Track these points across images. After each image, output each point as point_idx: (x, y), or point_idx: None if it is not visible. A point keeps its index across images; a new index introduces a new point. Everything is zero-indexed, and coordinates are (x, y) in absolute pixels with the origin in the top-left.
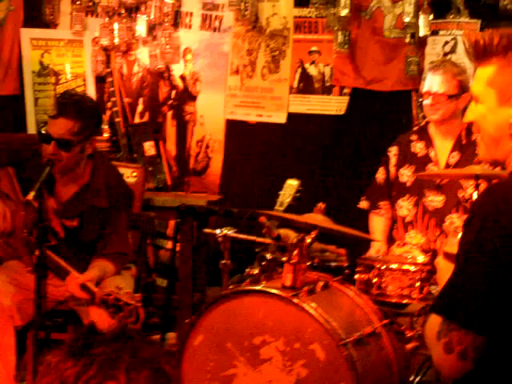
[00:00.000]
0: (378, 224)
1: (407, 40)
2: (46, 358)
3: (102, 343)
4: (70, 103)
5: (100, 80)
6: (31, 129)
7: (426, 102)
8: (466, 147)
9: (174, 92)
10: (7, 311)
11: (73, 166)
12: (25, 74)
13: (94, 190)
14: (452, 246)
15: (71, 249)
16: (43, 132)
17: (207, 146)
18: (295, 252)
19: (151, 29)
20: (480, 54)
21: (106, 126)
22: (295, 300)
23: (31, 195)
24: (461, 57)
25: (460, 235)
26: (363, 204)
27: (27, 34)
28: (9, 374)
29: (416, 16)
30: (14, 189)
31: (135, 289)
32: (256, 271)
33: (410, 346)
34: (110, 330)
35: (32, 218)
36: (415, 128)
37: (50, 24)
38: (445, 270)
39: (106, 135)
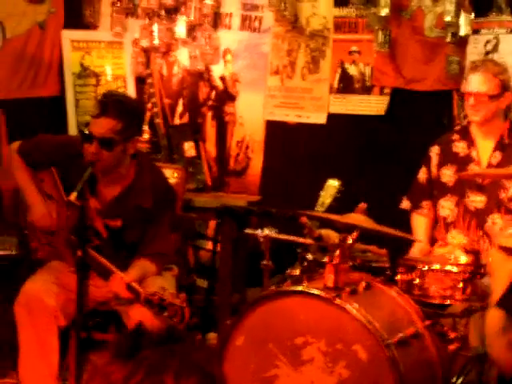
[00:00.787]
0: (420, 224)
1: (448, 39)
2: (93, 360)
3: (150, 346)
4: (112, 102)
5: (140, 81)
6: (72, 130)
7: (468, 102)
8: (508, 147)
9: (213, 93)
10: (52, 311)
11: (114, 165)
12: (66, 76)
13: (139, 190)
14: (507, 238)
15: (114, 249)
16: (85, 132)
17: (247, 147)
18: (337, 252)
19: (191, 30)
20: None
21: (146, 127)
22: (337, 300)
23: (73, 196)
24: (502, 56)
25: None
26: (405, 204)
27: (68, 36)
28: (52, 374)
29: (457, 15)
30: (58, 189)
31: (177, 289)
32: (297, 272)
33: (452, 347)
34: (157, 332)
35: (74, 218)
36: (457, 128)
37: (91, 26)
38: (498, 262)
39: (146, 136)
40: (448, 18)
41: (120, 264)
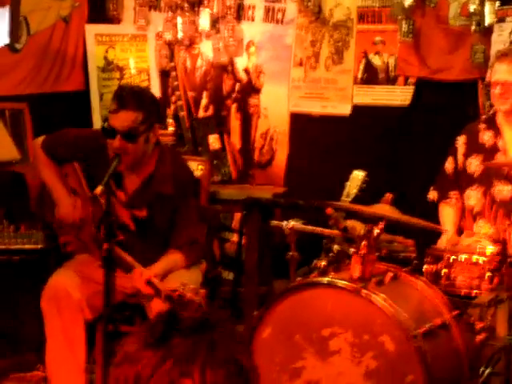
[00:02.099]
0: (447, 214)
1: (473, 28)
2: (123, 348)
3: (182, 334)
4: (128, 95)
5: (164, 74)
6: (97, 124)
7: (495, 91)
8: None
9: (237, 85)
10: (77, 304)
11: (140, 157)
12: (90, 70)
13: (160, 177)
14: None
15: (142, 241)
16: (106, 127)
17: (271, 139)
18: (363, 243)
19: (214, 22)
20: None
21: (170, 120)
22: (364, 291)
23: (99, 189)
24: None
25: None
26: (432, 194)
27: (92, 30)
28: (79, 367)
29: (481, 3)
30: (81, 184)
31: (203, 284)
32: (323, 263)
33: (480, 337)
34: (190, 320)
35: (100, 212)
36: (483, 117)
37: (114, 19)
38: None
39: (170, 129)
40: (473, 7)
41: (149, 256)
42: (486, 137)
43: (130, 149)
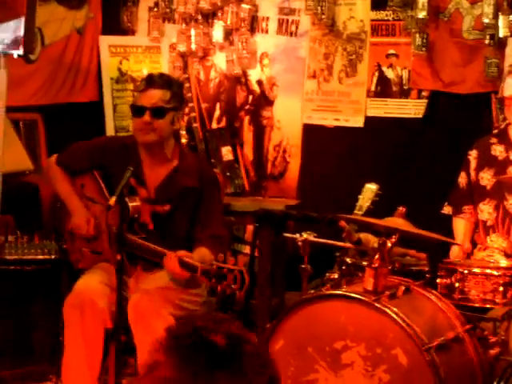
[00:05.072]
0: (461, 228)
1: (486, 41)
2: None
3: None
4: (156, 76)
5: None
6: (110, 135)
7: (510, 107)
8: None
9: (250, 97)
10: (101, 313)
11: (165, 137)
12: (104, 81)
13: (185, 171)
14: None
15: (160, 240)
16: (135, 104)
17: (284, 151)
18: (376, 256)
19: (228, 34)
20: None
21: (183, 132)
22: (377, 304)
23: (113, 200)
24: None
25: None
26: (447, 209)
27: (106, 42)
28: (93, 377)
29: (495, 17)
30: (101, 192)
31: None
32: (336, 275)
33: (493, 351)
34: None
35: (117, 220)
36: (495, 131)
37: (128, 31)
38: None
39: (183, 140)
40: (486, 20)
41: None
42: (498, 151)
43: (158, 125)
